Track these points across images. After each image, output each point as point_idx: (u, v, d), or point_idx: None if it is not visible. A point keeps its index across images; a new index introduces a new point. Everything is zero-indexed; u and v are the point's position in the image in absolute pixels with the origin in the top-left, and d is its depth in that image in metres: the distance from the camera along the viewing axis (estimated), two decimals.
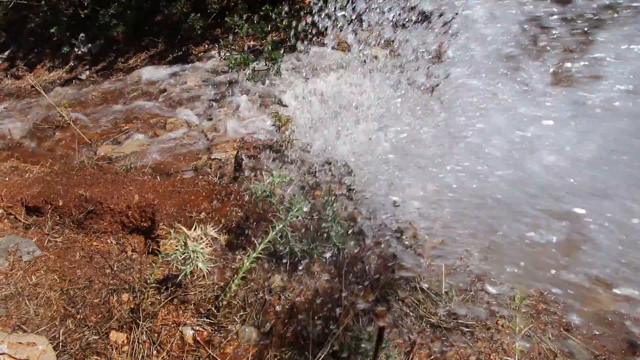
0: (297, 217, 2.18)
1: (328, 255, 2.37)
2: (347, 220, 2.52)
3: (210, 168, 3.35)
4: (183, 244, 2.01)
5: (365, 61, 4.20)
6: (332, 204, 2.42)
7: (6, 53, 6.57)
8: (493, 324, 2.19)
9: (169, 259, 2.03)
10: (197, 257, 2.01)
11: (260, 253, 2.18)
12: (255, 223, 2.67)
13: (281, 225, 2.16)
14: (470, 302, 2.26)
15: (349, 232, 2.44)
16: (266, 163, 3.25)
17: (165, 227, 2.65)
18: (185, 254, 2.01)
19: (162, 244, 2.06)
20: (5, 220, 2.78)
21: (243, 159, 3.32)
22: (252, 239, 2.57)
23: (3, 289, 2.30)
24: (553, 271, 2.27)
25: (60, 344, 2.12)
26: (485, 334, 2.15)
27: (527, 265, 2.32)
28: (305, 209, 2.20)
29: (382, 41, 4.12)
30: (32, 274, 2.41)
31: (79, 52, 6.20)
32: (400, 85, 3.48)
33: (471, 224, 2.52)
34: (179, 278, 2.12)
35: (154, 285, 2.23)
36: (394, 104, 3.32)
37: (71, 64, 6.19)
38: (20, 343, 2.01)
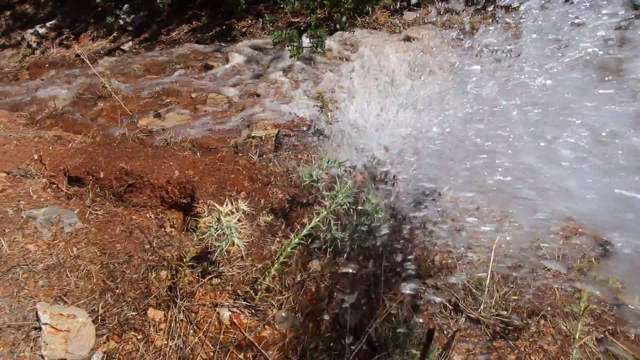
0: (343, 205, 2.12)
1: (368, 244, 2.31)
2: (388, 209, 2.45)
3: (251, 146, 3.31)
4: (217, 220, 1.98)
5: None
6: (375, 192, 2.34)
7: (52, 22, 6.65)
8: (534, 322, 2.11)
9: (205, 236, 2.01)
10: (232, 232, 1.98)
11: (301, 238, 2.13)
12: (296, 206, 2.62)
13: (325, 212, 2.10)
14: (511, 298, 2.18)
15: (390, 221, 2.37)
16: (307, 143, 3.18)
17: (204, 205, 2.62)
18: (220, 231, 1.98)
19: (200, 222, 2.03)
20: (49, 189, 2.81)
21: (284, 138, 3.26)
22: (293, 222, 2.53)
23: (46, 259, 2.32)
24: None
25: (99, 317, 2.13)
26: (527, 333, 2.07)
27: None
28: (349, 199, 2.14)
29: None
30: (74, 245, 2.43)
31: (122, 23, 6.22)
32: None
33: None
34: (215, 255, 2.09)
35: (190, 263, 2.22)
36: None
37: (114, 34, 6.21)
38: (61, 314, 2.03)
